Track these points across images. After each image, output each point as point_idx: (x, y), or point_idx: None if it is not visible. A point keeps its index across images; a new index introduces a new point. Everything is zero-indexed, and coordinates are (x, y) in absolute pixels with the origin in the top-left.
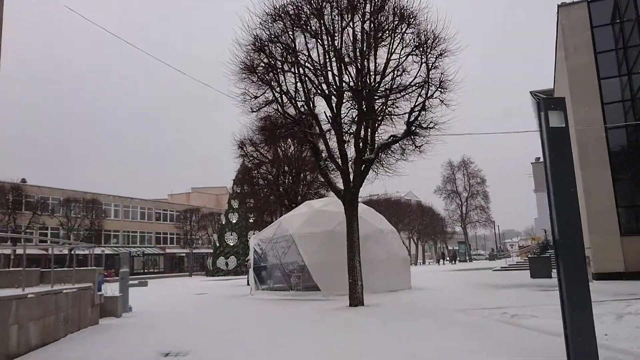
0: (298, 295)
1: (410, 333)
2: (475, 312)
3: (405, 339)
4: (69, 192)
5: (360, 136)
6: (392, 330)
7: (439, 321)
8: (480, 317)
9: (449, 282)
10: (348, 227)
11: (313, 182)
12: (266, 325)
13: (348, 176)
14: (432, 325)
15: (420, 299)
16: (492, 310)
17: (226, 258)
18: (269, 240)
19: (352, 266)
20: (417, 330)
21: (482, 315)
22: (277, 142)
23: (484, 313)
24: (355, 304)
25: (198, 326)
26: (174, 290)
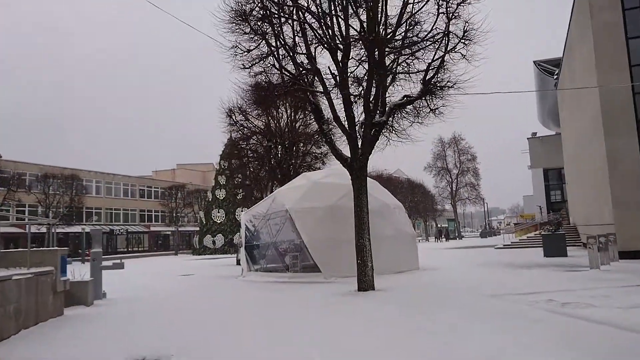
0: (295, 277)
1: (443, 328)
2: (512, 298)
3: (442, 336)
4: (47, 167)
5: (370, 96)
6: (420, 323)
7: (473, 311)
8: (523, 305)
9: (455, 261)
10: (356, 200)
11: (307, 155)
12: (264, 317)
13: (356, 142)
14: (468, 316)
15: (436, 281)
16: (529, 295)
17: (213, 236)
18: (262, 216)
19: (361, 245)
20: (450, 323)
21: (523, 302)
22: (273, 103)
23: (525, 300)
24: (365, 288)
25: (182, 318)
26: (158, 271)
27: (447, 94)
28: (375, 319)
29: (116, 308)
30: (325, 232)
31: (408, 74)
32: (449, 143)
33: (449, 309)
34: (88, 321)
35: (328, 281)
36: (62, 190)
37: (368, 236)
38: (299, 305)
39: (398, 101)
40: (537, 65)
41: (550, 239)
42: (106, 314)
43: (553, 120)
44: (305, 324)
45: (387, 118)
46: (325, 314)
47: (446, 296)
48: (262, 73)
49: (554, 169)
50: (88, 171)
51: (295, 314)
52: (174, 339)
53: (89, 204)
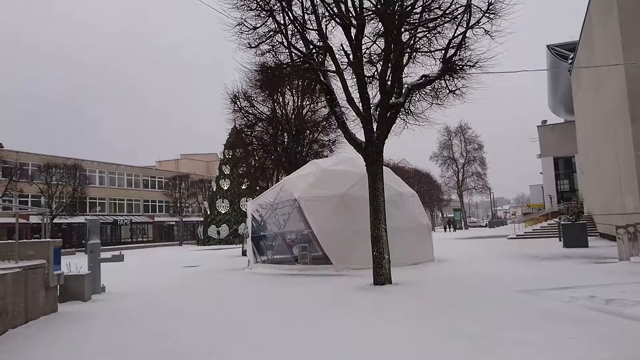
0: (305, 269)
1: (480, 330)
2: (546, 293)
3: (483, 340)
4: (49, 157)
5: (386, 76)
6: (452, 324)
7: (507, 309)
8: (561, 302)
9: (470, 252)
10: (371, 188)
11: (314, 142)
12: (275, 314)
13: (371, 125)
14: (503, 315)
15: (456, 274)
16: (564, 291)
17: (218, 226)
18: (269, 205)
19: (377, 236)
20: (485, 325)
21: (560, 298)
22: (281, 85)
23: (561, 296)
24: (382, 281)
25: (186, 316)
26: (162, 262)
27: (469, 73)
28: (398, 318)
29: (114, 304)
30: (336, 222)
31: (429, 53)
32: (455, 132)
33: (479, 308)
34: (82, 319)
35: (340, 274)
36: (65, 180)
37: (384, 226)
38: (312, 301)
39: (416, 81)
40: (551, 50)
41: (570, 229)
42: (103, 310)
43: (565, 107)
44: (323, 324)
45: (405, 99)
46: (343, 313)
47: (472, 291)
48: (270, 51)
49: (564, 158)
50: (91, 161)
51: (310, 311)
52: (175, 342)
53: (92, 194)
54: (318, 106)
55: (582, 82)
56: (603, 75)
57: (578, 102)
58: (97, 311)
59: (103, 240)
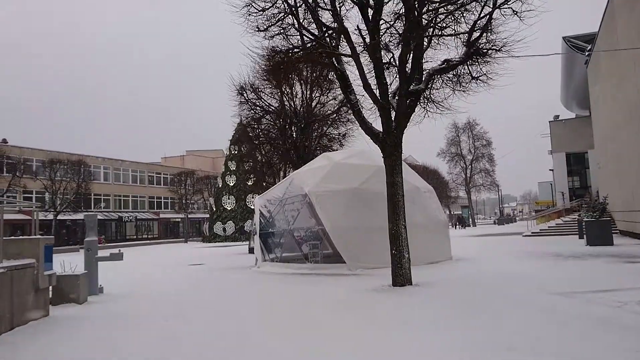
0: (316, 268)
1: (527, 343)
2: (586, 297)
3: (528, 354)
4: (54, 153)
5: (406, 60)
6: (488, 332)
7: (548, 316)
8: (610, 308)
9: (487, 250)
10: (389, 181)
11: (324, 136)
12: (287, 321)
13: (389, 113)
14: (548, 324)
15: (480, 274)
16: (607, 294)
17: (223, 223)
18: (278, 200)
19: (395, 233)
20: (530, 336)
21: (605, 303)
22: (292, 70)
23: (604, 300)
24: (401, 282)
25: (190, 322)
26: (166, 260)
27: (495, 57)
28: (425, 325)
29: (112, 307)
30: (349, 218)
31: (452, 35)
32: (463, 128)
33: (515, 314)
34: (74, 325)
35: (354, 273)
36: (69, 176)
37: (404, 223)
38: (326, 305)
39: (438, 66)
40: (567, 42)
41: (594, 226)
42: (98, 314)
43: (578, 101)
44: (341, 333)
45: (426, 86)
46: (362, 319)
47: (502, 294)
48: (280, 34)
49: (577, 154)
50: (96, 157)
51: (325, 317)
52: (176, 354)
53: (97, 190)
54: (328, 98)
55: (601, 73)
56: (627, 63)
57: (595, 93)
58: (92, 315)
59: (108, 236)
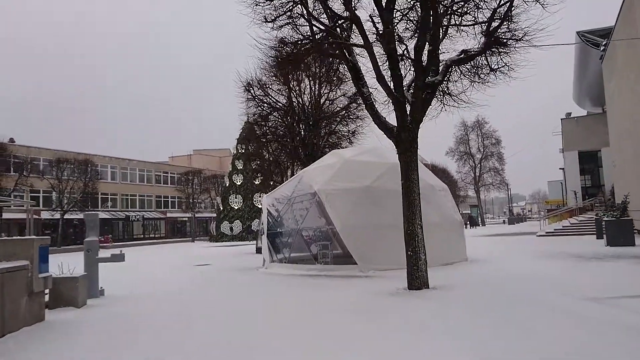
0: (326, 270)
1: (562, 353)
2: (625, 304)
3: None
4: (60, 152)
5: (422, 50)
6: (529, 348)
7: (589, 326)
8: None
9: (502, 250)
10: (404, 179)
11: (333, 134)
12: (297, 329)
13: (404, 107)
14: (590, 336)
15: (499, 276)
16: (635, 301)
17: (230, 222)
18: (286, 199)
19: (411, 233)
20: (574, 349)
21: (638, 310)
22: (302, 62)
23: (637, 307)
24: (418, 285)
25: (193, 327)
26: (172, 260)
27: (515, 47)
28: (450, 335)
29: (112, 310)
30: (360, 218)
31: (472, 24)
32: (472, 127)
33: (547, 322)
34: (70, 330)
35: (366, 275)
36: (76, 175)
37: (420, 222)
38: (338, 310)
39: (455, 57)
40: (581, 37)
41: (614, 226)
42: (97, 319)
43: (591, 98)
44: (355, 343)
45: (443, 78)
46: (378, 327)
47: (528, 299)
48: (289, 24)
49: (590, 152)
50: (103, 156)
51: (337, 324)
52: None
53: (104, 189)
54: (337, 94)
55: (617, 67)
56: None
57: (611, 89)
58: (91, 320)
59: (115, 236)
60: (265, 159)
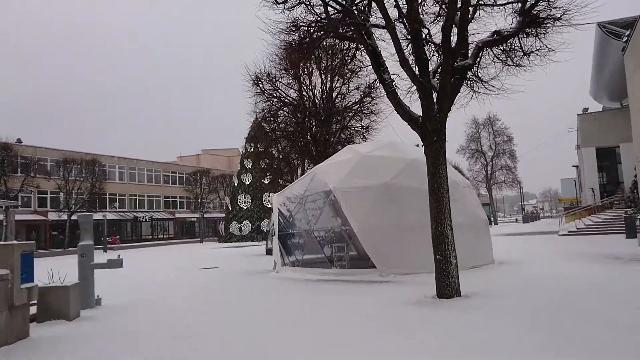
0: (343, 274)
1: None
2: None
3: None
4: (68, 152)
5: (450, 31)
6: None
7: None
8: None
9: (528, 251)
10: (431, 174)
11: (345, 129)
12: (314, 345)
13: (430, 94)
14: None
15: (535, 282)
16: None
17: (239, 223)
18: (298, 198)
19: (440, 234)
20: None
21: None
22: (315, 48)
23: None
24: (449, 293)
25: (196, 344)
26: (178, 262)
27: (555, 26)
28: (495, 354)
29: (107, 323)
30: (379, 217)
31: (507, 3)
32: (484, 124)
33: (604, 337)
34: (56, 349)
35: (386, 280)
36: (83, 176)
37: (450, 222)
38: (359, 321)
39: (487, 38)
40: (602, 27)
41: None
42: (89, 334)
43: (609, 93)
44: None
45: (474, 61)
46: (407, 342)
47: (578, 310)
48: (301, 4)
49: (607, 148)
50: (111, 156)
51: (359, 338)
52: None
53: (112, 190)
54: (350, 88)
55: None
56: None
57: (635, 81)
58: (83, 335)
59: (123, 237)
60: (274, 157)
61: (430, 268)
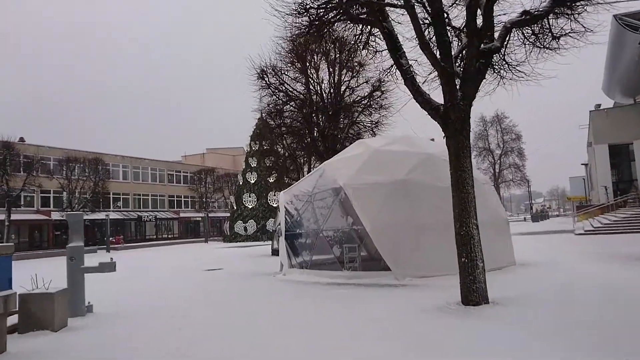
0: (354, 277)
1: None
2: None
3: None
4: (71, 151)
5: (476, 10)
6: None
7: None
8: None
9: (549, 252)
10: (454, 168)
11: (354, 124)
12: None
13: (453, 80)
14: None
15: (568, 288)
16: None
17: (245, 222)
18: (306, 196)
19: (465, 235)
20: None
21: None
22: (325, 31)
23: None
24: (476, 300)
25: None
26: (181, 263)
27: (591, 4)
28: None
29: (95, 335)
30: (394, 216)
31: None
32: (491, 122)
33: None
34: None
35: (402, 284)
36: (86, 175)
37: (476, 222)
38: (379, 333)
39: (516, 18)
40: (618, 20)
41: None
42: (75, 347)
43: (622, 88)
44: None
45: (502, 43)
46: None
47: (629, 321)
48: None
49: (620, 145)
50: (114, 155)
51: (381, 356)
52: None
53: (115, 189)
54: (359, 82)
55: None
56: None
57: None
58: (67, 349)
59: (127, 237)
60: (280, 154)
61: (449, 270)
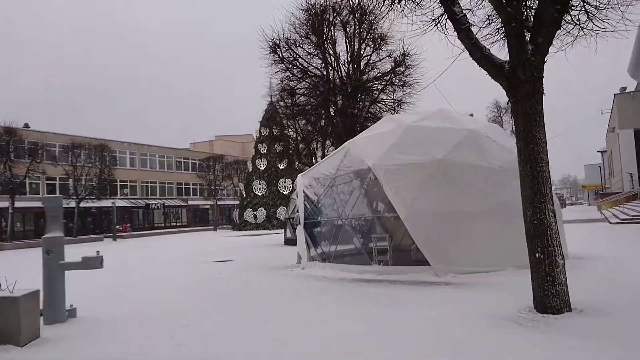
0: (385, 272)
1: None
2: None
3: None
4: (77, 137)
5: None
6: None
7: None
8: None
9: (598, 244)
10: (524, 140)
11: (375, 103)
12: None
13: (522, 31)
14: None
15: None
16: None
17: (254, 210)
18: (328, 179)
19: (540, 223)
20: None
21: None
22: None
23: None
24: (557, 306)
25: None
26: (188, 253)
27: None
28: None
29: (72, 352)
30: (432, 202)
31: None
32: (506, 108)
33: None
34: None
35: (445, 281)
36: (92, 161)
37: (552, 207)
38: (431, 353)
39: None
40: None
41: None
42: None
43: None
44: None
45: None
46: None
47: None
48: None
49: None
50: (121, 142)
51: None
52: None
53: (122, 176)
54: (380, 56)
55: None
56: None
57: None
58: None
59: (135, 225)
60: (291, 139)
61: (498, 265)
